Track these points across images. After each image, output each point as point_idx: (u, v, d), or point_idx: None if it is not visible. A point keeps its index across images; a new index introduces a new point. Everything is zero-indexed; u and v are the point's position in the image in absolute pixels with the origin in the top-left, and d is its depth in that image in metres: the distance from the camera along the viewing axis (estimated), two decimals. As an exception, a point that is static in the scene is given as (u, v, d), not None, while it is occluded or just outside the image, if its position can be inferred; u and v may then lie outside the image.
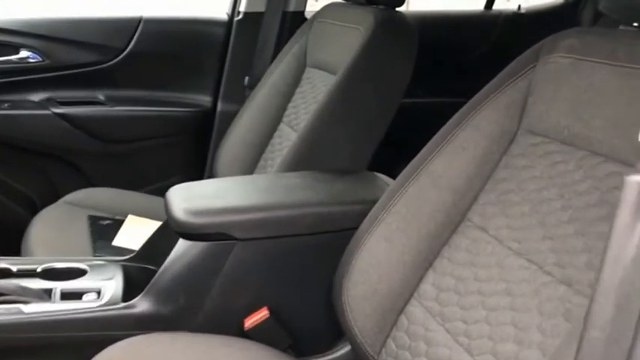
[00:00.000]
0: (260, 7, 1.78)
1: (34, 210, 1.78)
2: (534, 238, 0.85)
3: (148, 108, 1.82)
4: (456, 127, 0.99)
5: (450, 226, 0.96)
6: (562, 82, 0.90)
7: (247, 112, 1.69)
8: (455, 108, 1.01)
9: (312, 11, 1.83)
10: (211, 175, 1.90)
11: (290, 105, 1.64)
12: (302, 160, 1.30)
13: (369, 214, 1.02)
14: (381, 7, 1.44)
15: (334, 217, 1.08)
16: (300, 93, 1.63)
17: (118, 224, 1.57)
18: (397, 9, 1.44)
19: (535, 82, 0.94)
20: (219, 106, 1.88)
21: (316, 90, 1.54)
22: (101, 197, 1.64)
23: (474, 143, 0.97)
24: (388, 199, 1.00)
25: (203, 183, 1.19)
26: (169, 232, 1.08)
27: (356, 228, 1.04)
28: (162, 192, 1.82)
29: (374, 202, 1.05)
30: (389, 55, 1.33)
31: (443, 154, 0.99)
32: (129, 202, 1.67)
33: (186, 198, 1.08)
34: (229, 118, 1.80)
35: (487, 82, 1.00)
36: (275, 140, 1.64)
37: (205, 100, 1.89)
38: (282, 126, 1.64)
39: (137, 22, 1.76)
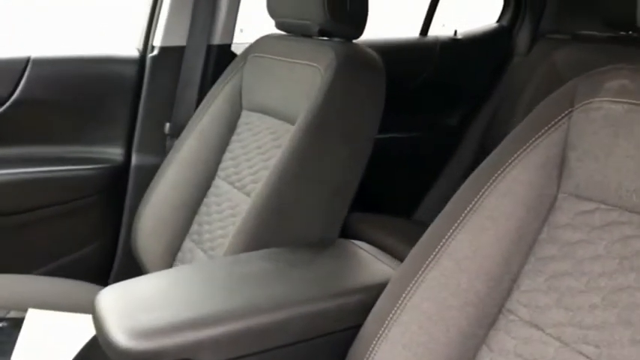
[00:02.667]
0: (179, 41, 1.49)
1: None
2: (618, 341, 0.66)
3: (42, 168, 1.46)
4: (477, 194, 0.79)
5: (486, 320, 0.76)
6: (618, 134, 0.72)
7: (172, 167, 1.39)
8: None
9: (240, 44, 1.57)
10: (128, 246, 1.57)
11: (227, 156, 1.36)
12: (262, 233, 1.03)
13: (374, 310, 0.82)
14: (337, 39, 1.21)
15: (330, 316, 0.82)
16: (237, 142, 1.36)
17: (15, 325, 1.22)
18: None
19: (576, 133, 0.75)
20: (134, 160, 1.56)
21: (261, 139, 1.28)
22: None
23: (505, 214, 0.77)
24: (400, 290, 0.79)
25: (142, 282, 0.89)
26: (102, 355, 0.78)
27: (358, 326, 0.80)
28: (67, 271, 1.48)
29: (374, 287, 0.84)
30: (357, 97, 1.09)
31: (466, 228, 0.78)
32: (26, 290, 1.31)
33: (124, 309, 0.78)
34: (148, 174, 1.49)
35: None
36: (210, 200, 1.35)
37: (116, 153, 1.56)
38: (218, 182, 1.36)
39: (24, 63, 1.41)
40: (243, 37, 1.65)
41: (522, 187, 0.77)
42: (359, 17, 1.17)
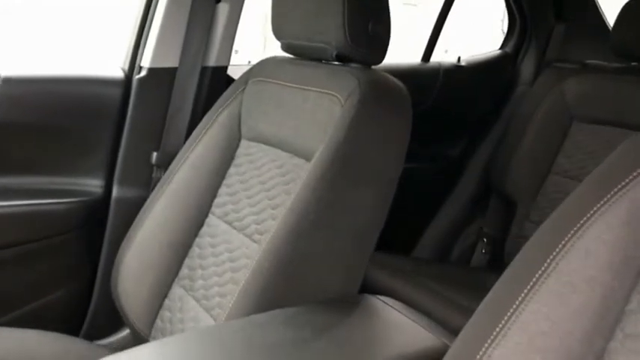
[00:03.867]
0: (170, 62, 1.34)
1: None
2: None
3: (9, 202, 1.28)
4: (548, 255, 0.66)
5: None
6: None
7: (159, 201, 1.22)
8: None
9: (237, 66, 1.42)
10: (106, 291, 1.40)
11: (223, 191, 1.20)
12: (274, 289, 0.88)
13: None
14: (353, 65, 1.08)
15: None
16: (236, 175, 1.20)
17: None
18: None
19: None
20: (115, 192, 1.38)
21: (264, 172, 1.13)
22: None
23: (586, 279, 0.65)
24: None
25: (147, 353, 0.73)
26: None
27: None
28: (33, 319, 1.29)
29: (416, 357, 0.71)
30: (382, 131, 0.95)
31: (538, 297, 0.65)
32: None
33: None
34: (130, 208, 1.33)
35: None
36: (204, 240, 1.19)
37: (94, 184, 1.39)
38: (213, 220, 1.20)
39: (-9, 82, 1.24)
40: (237, 60, 1.50)
41: (605, 247, 0.65)
42: (380, 41, 1.04)
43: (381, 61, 1.07)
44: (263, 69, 1.23)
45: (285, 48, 1.19)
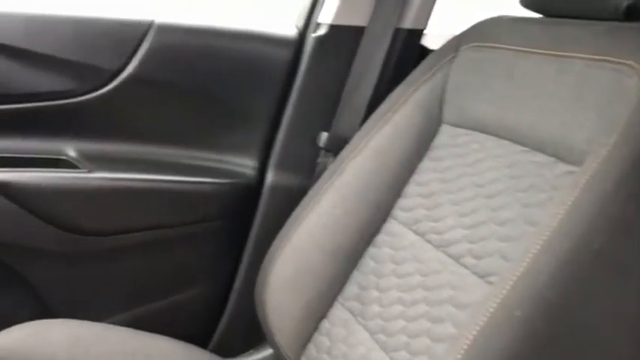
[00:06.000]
0: (357, 19, 1.05)
1: None
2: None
3: (153, 177, 1.07)
4: None
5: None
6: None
7: (326, 195, 0.94)
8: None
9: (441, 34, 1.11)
10: (246, 297, 1.15)
11: (412, 191, 0.90)
12: (535, 355, 0.56)
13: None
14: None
15: None
16: (433, 171, 0.89)
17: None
18: None
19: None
20: (270, 178, 1.13)
21: (483, 172, 0.81)
22: (60, 342, 0.88)
23: None
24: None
25: None
26: None
27: None
28: (153, 321, 1.14)
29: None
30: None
31: None
32: (99, 347, 0.91)
33: None
34: (287, 199, 1.07)
35: None
36: (382, 252, 0.89)
37: (246, 165, 1.14)
38: (394, 226, 0.90)
39: (144, 28, 1.02)
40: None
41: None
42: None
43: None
44: (485, 31, 0.91)
45: (531, 5, 0.86)
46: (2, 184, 0.97)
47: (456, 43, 0.94)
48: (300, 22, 1.11)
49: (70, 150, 1.06)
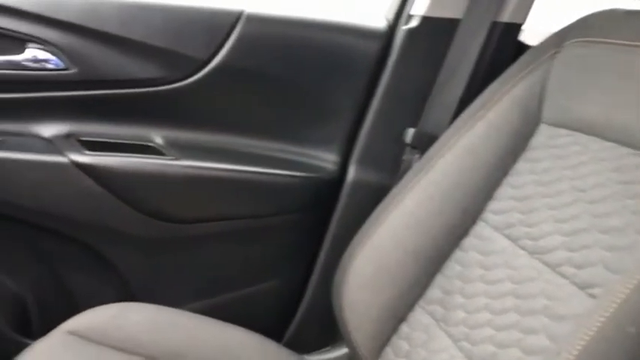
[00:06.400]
0: (452, 11, 1.01)
1: (29, 332, 1.06)
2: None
3: (236, 167, 1.07)
4: None
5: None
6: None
7: (411, 194, 0.91)
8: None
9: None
10: (321, 292, 1.14)
11: (505, 193, 0.85)
12: None
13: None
14: None
15: None
16: (529, 173, 0.84)
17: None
18: None
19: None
20: (351, 173, 1.11)
21: (586, 177, 0.75)
22: (141, 325, 0.90)
23: None
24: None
25: None
26: None
27: None
28: (227, 310, 1.13)
29: None
30: None
31: None
32: (173, 333, 0.92)
33: None
34: (369, 196, 1.04)
35: None
36: (469, 257, 0.85)
37: (327, 159, 1.13)
38: (484, 229, 0.85)
39: (234, 18, 1.02)
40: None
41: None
42: None
43: None
44: (593, 26, 0.85)
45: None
46: (91, 167, 1.00)
47: (559, 39, 0.88)
48: (391, 14, 1.08)
49: (157, 137, 1.08)
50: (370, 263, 0.92)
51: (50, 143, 1.01)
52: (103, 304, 0.93)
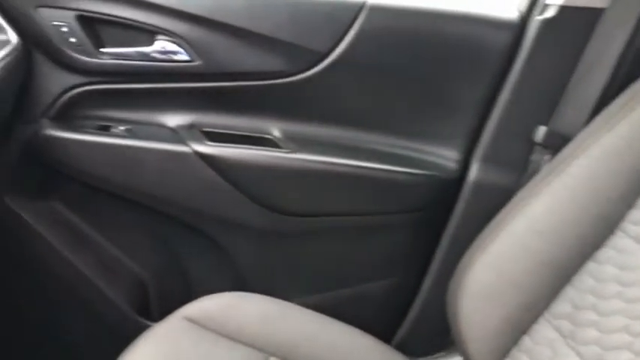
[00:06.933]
0: (596, 1, 0.92)
1: (148, 314, 1.12)
2: None
3: (352, 162, 1.04)
4: None
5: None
6: None
7: (541, 198, 0.83)
8: None
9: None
10: (433, 295, 1.09)
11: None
12: None
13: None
14: None
15: None
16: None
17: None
18: None
19: None
20: (473, 173, 1.05)
21: None
22: (253, 316, 0.91)
23: None
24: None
25: None
26: None
27: None
28: (348, 308, 1.07)
29: None
30: None
31: None
32: (291, 328, 0.91)
33: None
34: (492, 198, 0.97)
35: None
36: (605, 270, 0.76)
37: (447, 157, 1.07)
38: (624, 242, 0.76)
39: (356, 9, 0.99)
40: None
41: None
42: None
43: None
44: None
45: None
46: (212, 157, 1.02)
47: None
48: (523, 4, 1.00)
49: (275, 130, 1.08)
50: (491, 270, 0.86)
51: (174, 133, 1.04)
52: (217, 292, 0.95)
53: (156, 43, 0.99)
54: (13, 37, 0.95)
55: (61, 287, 1.10)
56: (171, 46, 0.99)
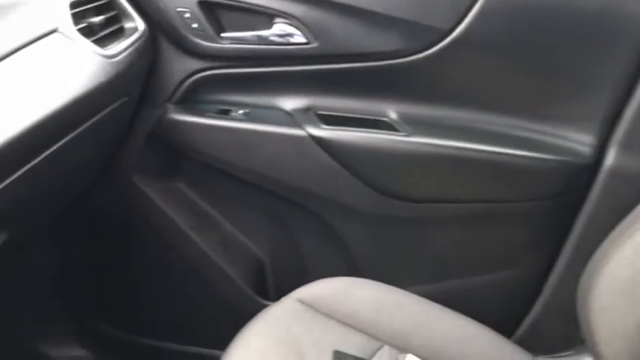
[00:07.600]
0: None
1: (265, 293, 1.15)
2: None
3: (475, 146, 0.99)
4: None
5: None
6: None
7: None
8: None
9: None
10: (564, 290, 1.01)
11: None
12: None
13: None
14: None
15: None
16: None
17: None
18: None
19: None
20: (610, 159, 0.95)
21: None
22: (366, 302, 0.89)
23: None
24: None
25: None
26: None
27: None
28: (470, 298, 1.02)
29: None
30: None
31: None
32: (414, 320, 0.88)
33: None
34: (630, 186, 0.89)
35: None
36: None
37: (582, 142, 0.99)
38: None
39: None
40: None
41: None
42: None
43: None
44: None
45: None
46: (327, 141, 1.00)
47: None
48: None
49: (391, 112, 1.04)
50: (630, 266, 0.78)
51: (290, 116, 1.04)
52: (331, 277, 0.94)
53: (274, 26, 0.99)
54: (140, 24, 0.99)
55: (184, 264, 1.15)
56: (289, 29, 0.99)
